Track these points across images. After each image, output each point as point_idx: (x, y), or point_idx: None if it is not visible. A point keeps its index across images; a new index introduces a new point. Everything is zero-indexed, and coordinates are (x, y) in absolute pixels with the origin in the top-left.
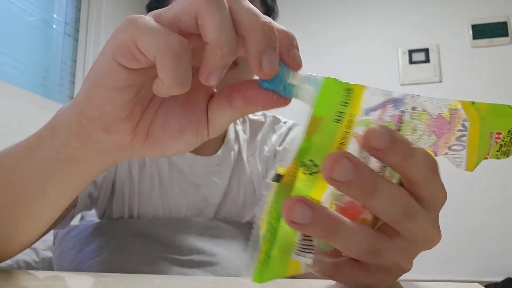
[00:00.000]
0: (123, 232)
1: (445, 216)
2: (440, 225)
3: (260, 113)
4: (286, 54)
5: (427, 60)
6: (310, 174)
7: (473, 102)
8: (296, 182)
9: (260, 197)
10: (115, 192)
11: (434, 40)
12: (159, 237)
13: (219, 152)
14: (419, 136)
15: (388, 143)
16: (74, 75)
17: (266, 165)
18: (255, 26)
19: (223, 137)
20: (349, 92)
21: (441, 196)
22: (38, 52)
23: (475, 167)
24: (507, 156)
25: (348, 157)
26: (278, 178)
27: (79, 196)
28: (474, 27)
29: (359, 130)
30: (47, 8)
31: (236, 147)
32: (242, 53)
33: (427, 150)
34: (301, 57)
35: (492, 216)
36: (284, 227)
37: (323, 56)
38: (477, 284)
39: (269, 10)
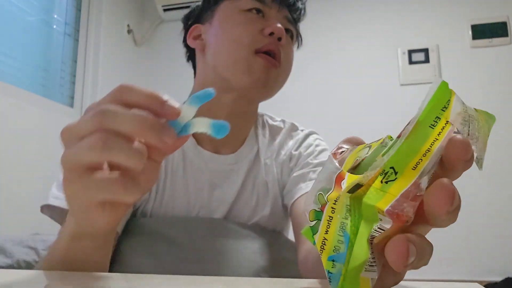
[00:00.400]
0: (131, 231)
1: None
2: None
3: (279, 119)
4: (165, 114)
5: (426, 60)
6: (386, 182)
7: (476, 109)
8: (368, 192)
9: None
10: None
11: (434, 40)
12: (166, 235)
13: (238, 151)
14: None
15: (471, 154)
16: (74, 75)
17: (281, 168)
18: (140, 130)
19: (244, 138)
20: (450, 96)
21: None
22: (38, 52)
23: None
24: None
25: (452, 182)
26: (355, 188)
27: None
28: (474, 27)
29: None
30: (47, 8)
31: (255, 149)
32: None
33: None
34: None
35: (492, 216)
36: (359, 244)
37: (323, 56)
38: (477, 284)
39: (297, 33)
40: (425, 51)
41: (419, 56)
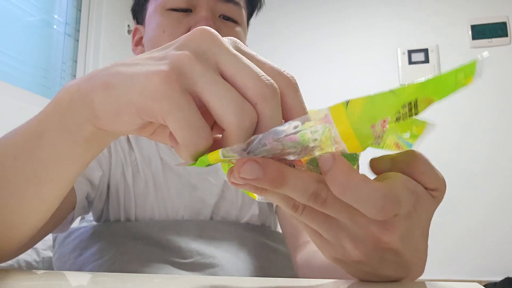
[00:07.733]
0: (122, 235)
1: (444, 215)
2: (439, 225)
3: None
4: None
5: (426, 60)
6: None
7: (347, 103)
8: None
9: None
10: (110, 195)
11: (434, 40)
12: (158, 239)
13: None
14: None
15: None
16: (74, 75)
17: None
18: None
19: None
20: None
21: None
22: (39, 52)
23: (359, 150)
24: (415, 139)
25: (255, 159)
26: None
27: (77, 197)
28: (474, 28)
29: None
30: (47, 9)
31: None
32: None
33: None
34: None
35: (491, 215)
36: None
37: (323, 57)
38: (476, 283)
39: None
40: (425, 51)
41: (418, 56)
